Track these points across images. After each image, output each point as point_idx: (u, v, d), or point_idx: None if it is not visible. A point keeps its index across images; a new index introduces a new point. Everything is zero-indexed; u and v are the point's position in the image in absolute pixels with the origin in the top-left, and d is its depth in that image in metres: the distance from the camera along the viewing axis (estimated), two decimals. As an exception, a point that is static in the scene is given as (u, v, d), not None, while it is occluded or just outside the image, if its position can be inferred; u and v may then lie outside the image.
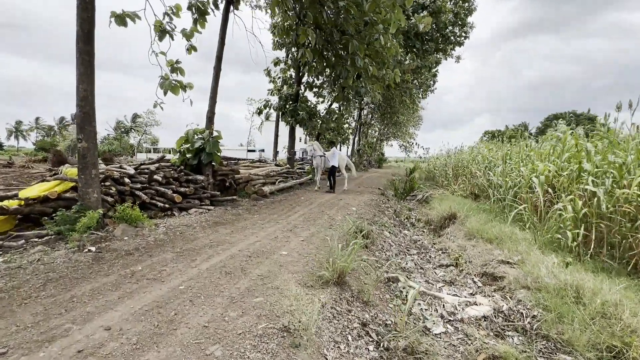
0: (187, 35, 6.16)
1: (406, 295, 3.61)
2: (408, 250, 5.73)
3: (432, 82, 22.67)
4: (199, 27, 7.32)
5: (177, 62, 5.45)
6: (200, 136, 7.77)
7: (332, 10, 6.14)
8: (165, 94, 4.96)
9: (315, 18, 6.38)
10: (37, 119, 51.76)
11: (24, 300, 2.60)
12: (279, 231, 5.26)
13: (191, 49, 7.24)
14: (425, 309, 3.44)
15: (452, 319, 3.30)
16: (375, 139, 35.40)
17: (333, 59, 7.92)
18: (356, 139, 26.70)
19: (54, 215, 4.85)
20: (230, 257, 3.85)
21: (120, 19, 4.61)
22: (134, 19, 4.77)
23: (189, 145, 7.81)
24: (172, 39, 5.93)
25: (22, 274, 3.13)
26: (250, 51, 12.35)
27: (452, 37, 13.50)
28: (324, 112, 15.73)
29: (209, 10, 7.47)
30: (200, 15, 7.37)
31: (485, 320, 3.23)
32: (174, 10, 6.40)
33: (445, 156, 15.73)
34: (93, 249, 3.92)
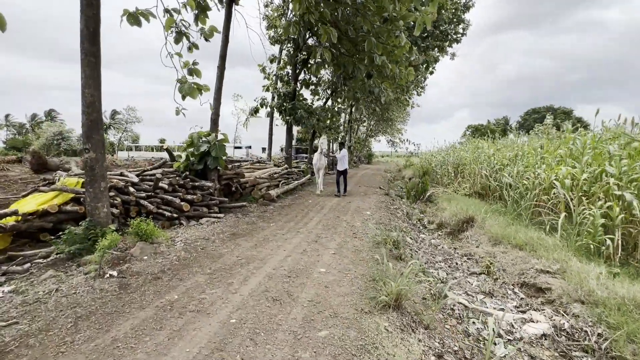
0: (207, 34, 5.74)
1: (460, 315, 3.46)
2: (433, 257, 5.61)
3: (422, 79, 22.70)
4: (199, 23, 6.88)
5: (195, 63, 5.05)
6: (205, 139, 7.37)
7: (349, 7, 5.86)
8: (184, 98, 4.58)
9: (330, 15, 6.09)
10: (7, 115, 48.72)
11: (59, 348, 2.27)
12: (304, 243, 5.01)
13: (193, 47, 6.80)
14: (481, 328, 3.31)
15: (510, 338, 3.18)
16: (364, 135, 35.38)
17: (340, 57, 7.65)
18: (347, 135, 26.55)
19: (59, 233, 4.41)
20: (267, 277, 3.59)
21: (134, 17, 4.18)
22: (147, 18, 4.34)
23: (193, 149, 7.39)
24: (189, 41, 5.51)
25: (44, 311, 2.76)
26: (250, 47, 11.86)
27: (450, 34, 13.45)
28: (320, 109, 15.44)
29: (212, 5, 7.04)
30: (202, 11, 6.92)
31: (546, 339, 3.13)
32: (179, 9, 5.95)
33: (443, 153, 15.78)
34: (115, 273, 3.56)
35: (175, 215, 6.27)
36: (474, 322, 3.37)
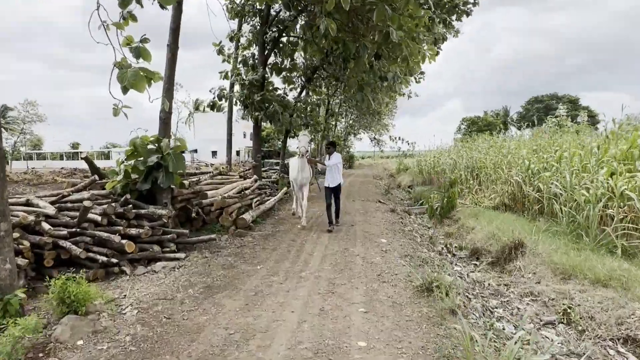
0: (163, 0, 4.90)
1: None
2: (486, 302, 5.15)
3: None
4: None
5: (144, 40, 4.21)
6: (153, 147, 6.47)
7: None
8: (125, 90, 3.74)
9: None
10: None
11: None
12: (316, 296, 4.31)
13: (129, 18, 5.92)
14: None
15: None
16: (344, 133, 35.22)
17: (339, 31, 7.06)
18: (326, 132, 26.16)
19: None
20: (286, 367, 2.87)
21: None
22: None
23: (135, 161, 6.46)
24: (141, 5, 4.69)
25: None
26: (210, 23, 10.98)
27: (459, 5, 13.40)
28: (295, 101, 14.83)
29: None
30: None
31: None
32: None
33: (452, 154, 15.74)
34: (31, 382, 2.67)
35: (114, 260, 5.34)
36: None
